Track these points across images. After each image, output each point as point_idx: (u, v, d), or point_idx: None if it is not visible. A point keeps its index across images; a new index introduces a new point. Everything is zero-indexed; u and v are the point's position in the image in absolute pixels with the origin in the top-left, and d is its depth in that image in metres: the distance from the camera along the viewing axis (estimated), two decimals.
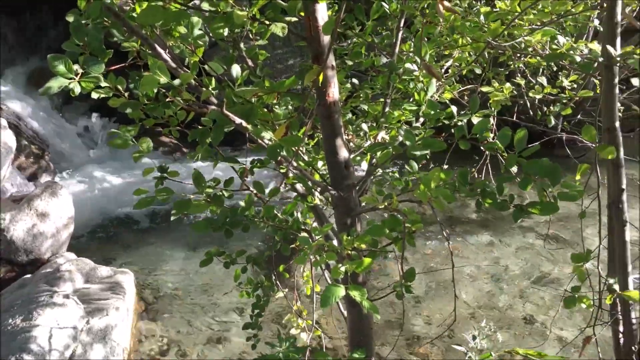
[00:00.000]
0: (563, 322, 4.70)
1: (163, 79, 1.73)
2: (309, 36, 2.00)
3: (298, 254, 2.03)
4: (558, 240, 6.07)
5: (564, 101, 3.27)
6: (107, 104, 2.15)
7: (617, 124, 2.14)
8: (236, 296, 4.71)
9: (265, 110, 2.28)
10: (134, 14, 1.99)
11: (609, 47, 1.91)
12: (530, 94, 3.00)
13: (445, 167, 3.91)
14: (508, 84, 3.15)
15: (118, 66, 2.08)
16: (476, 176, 4.04)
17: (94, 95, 2.16)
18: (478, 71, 3.23)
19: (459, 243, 6.07)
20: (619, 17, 1.95)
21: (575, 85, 3.27)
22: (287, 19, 1.99)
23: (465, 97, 4.15)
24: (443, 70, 3.13)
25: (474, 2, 3.16)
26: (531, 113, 6.19)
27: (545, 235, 6.00)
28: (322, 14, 1.97)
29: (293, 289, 3.55)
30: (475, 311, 4.92)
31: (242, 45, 2.65)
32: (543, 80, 3.04)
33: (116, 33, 2.05)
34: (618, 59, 1.94)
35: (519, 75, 4.77)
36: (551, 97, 3.13)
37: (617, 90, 2.10)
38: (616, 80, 2.03)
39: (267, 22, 1.94)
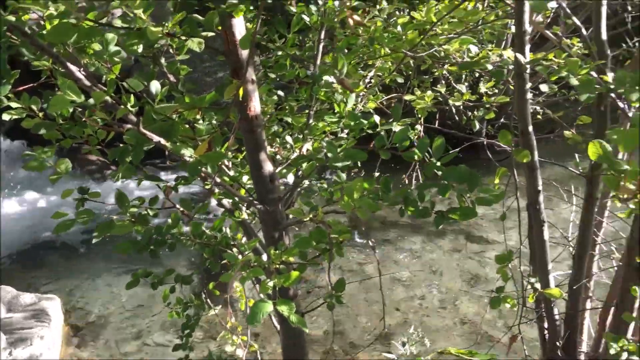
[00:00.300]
0: (495, 321, 4.84)
1: (75, 99, 1.67)
2: (227, 50, 1.99)
3: (228, 270, 2.01)
4: (488, 241, 6.24)
5: (487, 106, 3.38)
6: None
7: (530, 128, 2.22)
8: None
9: (187, 126, 2.24)
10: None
11: (518, 54, 1.98)
12: (450, 101, 3.09)
13: (377, 174, 3.98)
14: (430, 92, 3.23)
15: (28, 86, 2.00)
16: (407, 182, 4.11)
17: (5, 117, 2.08)
18: (400, 80, 3.29)
19: (392, 248, 6.15)
20: (526, 26, 2.03)
21: (496, 91, 3.39)
22: (204, 33, 1.97)
23: (393, 106, 4.21)
24: (367, 80, 3.18)
25: (397, 12, 3.22)
26: (457, 118, 6.37)
27: (466, 238, 6.18)
28: (240, 27, 1.96)
29: (227, 305, 3.50)
30: (410, 316, 5.00)
31: (163, 60, 2.60)
32: (462, 87, 3.13)
33: (26, 52, 1.98)
34: (527, 65, 2.02)
35: (443, 82, 4.91)
36: (470, 103, 3.23)
37: (528, 96, 2.18)
38: (527, 86, 2.11)
39: (183, 38, 1.91)
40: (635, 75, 1.75)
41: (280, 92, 3.05)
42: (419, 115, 3.54)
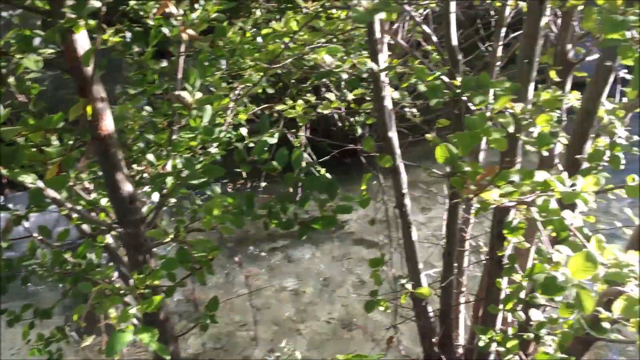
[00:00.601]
0: (382, 322, 4.93)
1: None
2: (71, 67, 1.88)
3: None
4: (375, 245, 6.35)
5: (367, 111, 3.45)
6: None
7: (391, 133, 2.27)
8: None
9: (36, 149, 2.08)
10: None
11: (371, 62, 2.02)
12: (319, 109, 3.11)
13: (263, 184, 3.94)
14: (300, 101, 3.24)
15: None
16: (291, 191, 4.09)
17: None
18: (271, 91, 3.28)
19: (281, 257, 6.13)
20: (377, 34, 2.07)
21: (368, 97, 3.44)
22: (43, 50, 1.84)
23: (275, 115, 4.20)
24: (236, 92, 3.13)
25: (272, 22, 3.20)
26: (340, 124, 6.47)
27: (354, 243, 6.27)
28: (82, 43, 1.85)
29: (101, 334, 3.33)
30: (297, 325, 4.99)
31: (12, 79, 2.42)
32: (331, 95, 3.16)
33: None
34: (381, 73, 2.06)
35: (324, 89, 4.96)
36: (340, 110, 3.27)
37: (387, 102, 2.23)
38: (384, 92, 2.16)
39: (18, 56, 1.78)
40: (479, 79, 1.83)
41: (149, 107, 2.94)
42: (300, 124, 3.55)
